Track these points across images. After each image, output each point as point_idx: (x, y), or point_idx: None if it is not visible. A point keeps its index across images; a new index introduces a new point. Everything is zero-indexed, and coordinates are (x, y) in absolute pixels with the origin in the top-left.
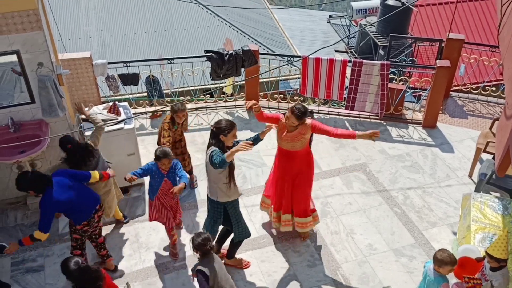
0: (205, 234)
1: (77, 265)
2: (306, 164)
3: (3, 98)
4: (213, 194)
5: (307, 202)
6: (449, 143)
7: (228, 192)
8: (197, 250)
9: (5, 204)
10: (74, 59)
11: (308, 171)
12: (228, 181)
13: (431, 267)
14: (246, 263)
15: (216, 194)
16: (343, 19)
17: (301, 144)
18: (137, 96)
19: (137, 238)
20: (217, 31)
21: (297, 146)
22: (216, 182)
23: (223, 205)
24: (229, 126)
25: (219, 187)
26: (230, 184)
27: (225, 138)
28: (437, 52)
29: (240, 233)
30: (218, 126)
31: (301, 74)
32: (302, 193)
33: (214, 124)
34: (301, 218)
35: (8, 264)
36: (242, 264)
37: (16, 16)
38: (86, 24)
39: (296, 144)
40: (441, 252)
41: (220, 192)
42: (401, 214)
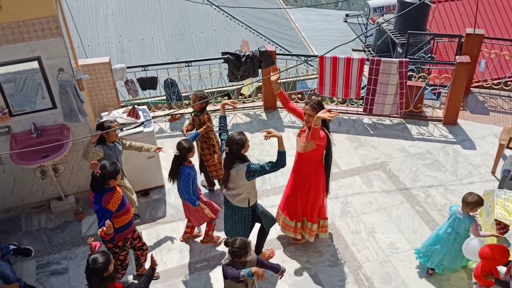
0: (239, 240)
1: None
2: (315, 171)
3: (26, 104)
4: (243, 203)
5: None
6: (470, 139)
7: (254, 192)
8: (232, 256)
9: (29, 208)
10: (93, 64)
11: (316, 176)
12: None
13: (460, 209)
14: (271, 251)
15: (248, 201)
16: (360, 17)
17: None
18: (156, 99)
19: (159, 240)
20: (233, 33)
21: (308, 148)
22: (247, 191)
23: (251, 208)
24: (243, 137)
25: (250, 193)
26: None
27: (245, 149)
28: (457, 48)
29: (269, 222)
30: (236, 143)
31: (319, 74)
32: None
33: (227, 145)
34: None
35: (34, 267)
36: (269, 255)
37: (36, 23)
38: (105, 30)
39: (306, 146)
40: (471, 195)
41: (251, 197)
42: (423, 213)
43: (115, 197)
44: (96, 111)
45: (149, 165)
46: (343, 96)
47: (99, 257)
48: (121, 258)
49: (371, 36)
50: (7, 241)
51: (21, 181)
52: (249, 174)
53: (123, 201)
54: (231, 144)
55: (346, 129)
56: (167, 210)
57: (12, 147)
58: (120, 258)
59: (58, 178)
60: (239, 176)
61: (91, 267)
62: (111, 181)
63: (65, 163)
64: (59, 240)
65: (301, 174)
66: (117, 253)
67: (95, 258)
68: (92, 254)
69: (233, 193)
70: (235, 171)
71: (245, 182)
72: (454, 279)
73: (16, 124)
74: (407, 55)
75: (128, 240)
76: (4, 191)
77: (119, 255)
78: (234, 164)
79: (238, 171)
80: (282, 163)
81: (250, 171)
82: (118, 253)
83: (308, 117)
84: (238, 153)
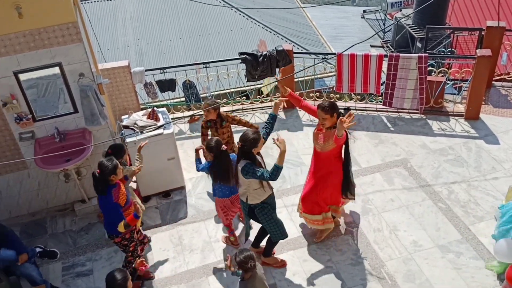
0: (247, 251)
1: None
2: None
3: (49, 109)
4: (242, 196)
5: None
6: (493, 134)
7: (257, 196)
8: (239, 267)
9: (54, 211)
10: (113, 68)
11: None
12: (261, 185)
13: None
14: (283, 263)
15: (246, 197)
16: (378, 13)
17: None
18: (175, 101)
19: (180, 240)
20: (250, 33)
21: (326, 148)
22: (246, 188)
23: (248, 206)
24: (257, 136)
25: (249, 192)
26: (260, 189)
27: (257, 149)
28: (477, 41)
29: (276, 235)
30: (248, 141)
31: (337, 71)
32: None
33: (240, 140)
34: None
35: (59, 269)
36: (278, 263)
37: (56, 30)
38: (123, 34)
39: (325, 146)
40: None
41: (250, 196)
42: (445, 209)
43: (121, 192)
44: (116, 114)
45: (170, 166)
46: (362, 91)
47: (117, 275)
48: (131, 249)
49: (389, 32)
50: (34, 244)
51: (45, 185)
52: (243, 172)
53: (127, 195)
54: (244, 140)
55: (365, 126)
56: (188, 211)
57: (36, 151)
58: (130, 250)
59: (81, 181)
60: (240, 171)
61: (108, 285)
62: (112, 176)
63: (88, 166)
64: (83, 242)
65: (320, 171)
66: (126, 245)
67: (113, 275)
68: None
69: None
70: (239, 166)
71: (244, 178)
72: (480, 276)
73: (40, 129)
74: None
75: (134, 232)
76: (29, 195)
77: (128, 247)
78: (241, 160)
79: (240, 166)
80: (273, 177)
81: (244, 168)
82: (127, 245)
83: (322, 120)
84: (249, 151)
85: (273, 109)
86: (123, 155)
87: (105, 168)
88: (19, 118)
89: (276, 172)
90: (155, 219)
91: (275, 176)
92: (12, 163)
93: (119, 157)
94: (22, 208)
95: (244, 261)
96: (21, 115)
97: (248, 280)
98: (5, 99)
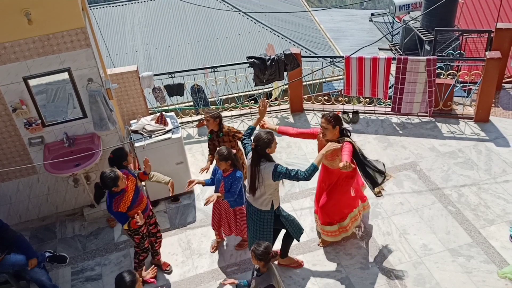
0: (264, 242)
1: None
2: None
3: (58, 115)
4: (266, 205)
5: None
6: (504, 137)
7: (277, 195)
8: (261, 260)
9: (64, 216)
10: (122, 73)
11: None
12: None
13: None
14: (300, 262)
15: (271, 203)
16: (386, 16)
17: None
18: (183, 105)
19: (189, 245)
20: (258, 37)
21: (335, 165)
22: (271, 192)
23: (274, 212)
24: (270, 136)
25: (274, 196)
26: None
27: (270, 150)
28: (486, 44)
29: (296, 231)
30: (261, 141)
31: (345, 75)
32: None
33: (254, 141)
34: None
35: (69, 274)
36: (295, 262)
37: (65, 35)
38: (132, 39)
39: (334, 163)
40: None
41: (275, 200)
42: (456, 213)
43: (124, 200)
44: (125, 119)
45: (178, 170)
46: (370, 95)
47: (126, 276)
48: (136, 241)
49: (397, 35)
50: (43, 249)
51: (55, 190)
52: (275, 174)
53: (134, 199)
54: (257, 140)
55: (374, 130)
56: (197, 215)
57: (45, 156)
58: (135, 241)
59: (90, 185)
60: (266, 175)
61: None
62: (113, 188)
63: (97, 171)
64: (92, 246)
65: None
66: (130, 235)
67: (122, 277)
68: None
69: (257, 194)
70: (262, 169)
71: (271, 182)
72: (491, 280)
73: (49, 134)
74: (435, 52)
75: (142, 226)
76: (39, 200)
77: (133, 238)
78: (261, 162)
79: (266, 169)
80: (309, 177)
81: (277, 171)
82: (131, 236)
83: (324, 130)
84: (263, 152)
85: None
86: (125, 158)
87: (105, 179)
88: (29, 123)
89: (313, 172)
90: (164, 224)
91: (311, 176)
92: (22, 168)
93: (123, 160)
94: (32, 213)
95: (266, 252)
96: (30, 120)
97: (268, 272)
98: (15, 105)
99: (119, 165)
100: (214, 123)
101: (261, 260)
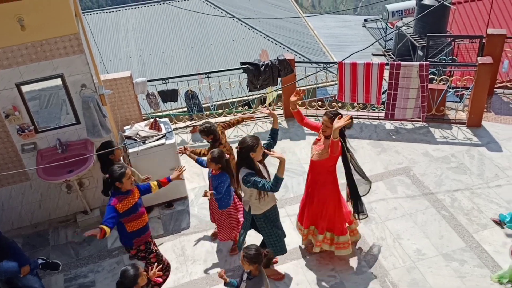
0: (254, 245)
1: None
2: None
3: (51, 121)
4: (245, 205)
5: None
6: (496, 141)
7: (260, 206)
8: (255, 262)
9: (57, 223)
10: (115, 79)
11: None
12: (259, 196)
13: None
14: (281, 276)
15: (249, 206)
16: (379, 22)
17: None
18: (177, 111)
19: (183, 251)
20: (252, 43)
21: (322, 156)
22: (248, 196)
23: (251, 217)
24: (255, 140)
25: (251, 201)
26: (260, 199)
27: (255, 154)
28: (478, 49)
29: (274, 250)
30: (245, 144)
31: (338, 80)
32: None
33: (239, 144)
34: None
35: (62, 281)
36: (277, 274)
37: (59, 41)
38: (126, 45)
39: (322, 154)
40: None
41: (253, 205)
42: (449, 217)
43: (127, 201)
44: (118, 125)
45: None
46: (363, 101)
47: (130, 270)
48: (152, 261)
49: (391, 40)
50: (36, 255)
51: (47, 196)
52: (244, 181)
53: (135, 206)
54: (242, 143)
55: (368, 135)
56: (191, 221)
57: (38, 163)
58: (152, 261)
59: (83, 192)
60: (241, 181)
61: (120, 280)
62: (117, 183)
63: (90, 177)
64: (85, 253)
65: (313, 182)
66: (144, 257)
67: (125, 270)
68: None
69: (243, 197)
70: (239, 174)
71: (245, 187)
72: (484, 285)
73: (42, 141)
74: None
75: (151, 244)
76: (32, 206)
77: (149, 258)
78: (241, 166)
79: (240, 175)
80: (274, 188)
81: (244, 178)
82: (145, 257)
83: (325, 127)
84: (247, 155)
85: (273, 124)
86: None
87: (112, 173)
88: (21, 129)
89: (277, 183)
90: (158, 230)
91: (276, 187)
92: (14, 173)
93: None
94: (25, 219)
95: (258, 253)
96: (23, 126)
97: (259, 275)
98: (7, 111)
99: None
100: (208, 138)
101: (255, 262)
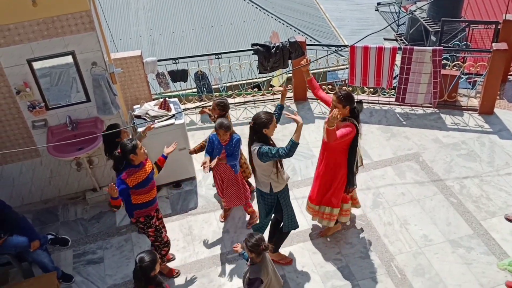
0: (258, 234)
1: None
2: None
3: (61, 98)
4: (265, 187)
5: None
6: (508, 129)
7: (280, 180)
8: (251, 251)
9: (66, 199)
10: (125, 58)
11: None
12: (277, 170)
13: None
14: (289, 260)
15: (270, 186)
16: (392, 6)
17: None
18: (187, 92)
19: (191, 231)
20: (263, 24)
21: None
22: (266, 174)
23: (276, 196)
24: (269, 116)
25: (271, 178)
26: (279, 172)
27: (268, 131)
28: (493, 35)
29: (289, 224)
30: (260, 120)
31: (349, 64)
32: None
33: (252, 119)
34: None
35: (71, 256)
36: (284, 259)
37: (70, 18)
38: (136, 24)
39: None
40: None
41: (274, 183)
42: (457, 204)
43: (137, 175)
44: (128, 104)
45: (181, 156)
46: (374, 85)
47: (146, 256)
48: (151, 234)
49: (403, 25)
50: (45, 231)
51: (57, 173)
52: (259, 154)
53: (145, 180)
54: (256, 119)
55: (377, 120)
56: (198, 201)
57: (48, 140)
58: (150, 234)
59: (92, 170)
60: (254, 156)
61: (137, 266)
62: (131, 155)
63: (99, 155)
64: (94, 230)
65: (325, 162)
66: (143, 228)
67: (142, 257)
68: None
69: (256, 174)
70: (252, 150)
71: (260, 163)
72: (490, 272)
73: (52, 118)
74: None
75: (153, 218)
76: (42, 183)
77: (147, 232)
78: (253, 142)
79: (253, 150)
80: (290, 153)
81: (259, 151)
82: (144, 229)
83: (333, 107)
84: (259, 131)
85: (280, 100)
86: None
87: (124, 147)
88: (32, 106)
89: (292, 148)
90: (166, 209)
91: (291, 151)
92: (25, 150)
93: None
94: (35, 195)
95: (257, 244)
96: (34, 103)
97: (261, 263)
98: (19, 87)
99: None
100: (219, 113)
101: (251, 251)
